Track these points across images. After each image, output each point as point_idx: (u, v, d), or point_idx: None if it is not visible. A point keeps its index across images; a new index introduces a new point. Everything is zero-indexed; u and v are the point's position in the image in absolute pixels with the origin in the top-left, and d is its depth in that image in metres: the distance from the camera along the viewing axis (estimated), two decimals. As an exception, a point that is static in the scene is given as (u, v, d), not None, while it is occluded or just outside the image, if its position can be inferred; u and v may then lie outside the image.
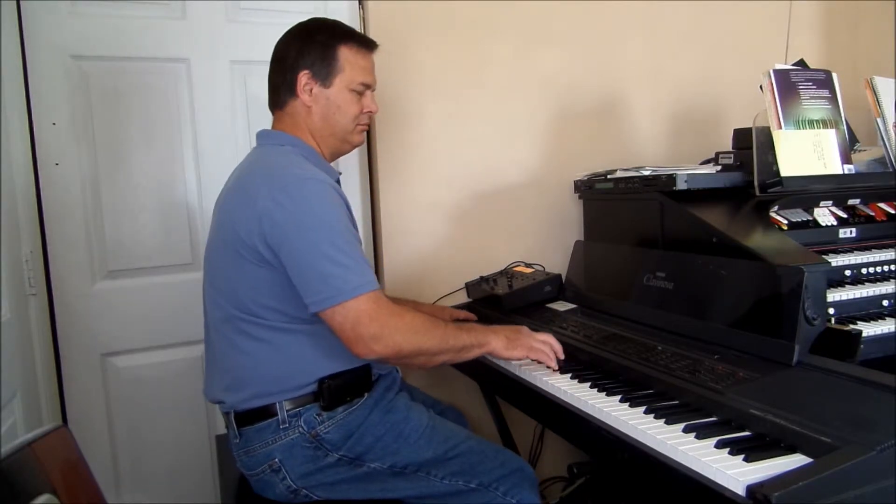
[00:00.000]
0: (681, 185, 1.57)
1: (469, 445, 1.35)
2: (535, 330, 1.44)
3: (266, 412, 1.27)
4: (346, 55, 1.35)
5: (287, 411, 1.26)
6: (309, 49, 1.34)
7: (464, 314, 1.81)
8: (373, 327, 1.17)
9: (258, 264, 1.23)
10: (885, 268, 1.45)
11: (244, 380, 1.29)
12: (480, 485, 1.31)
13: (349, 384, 1.29)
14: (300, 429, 1.26)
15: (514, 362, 1.43)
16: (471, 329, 1.36)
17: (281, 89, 1.37)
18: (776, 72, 1.57)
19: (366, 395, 1.32)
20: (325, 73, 1.34)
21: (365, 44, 1.39)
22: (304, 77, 1.33)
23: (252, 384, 1.28)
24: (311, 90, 1.34)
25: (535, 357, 1.36)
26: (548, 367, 1.36)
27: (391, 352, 1.20)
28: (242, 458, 1.31)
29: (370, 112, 1.42)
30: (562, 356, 1.38)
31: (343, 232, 1.21)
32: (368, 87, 1.40)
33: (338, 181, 1.37)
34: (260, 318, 1.26)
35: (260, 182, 1.23)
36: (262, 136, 1.41)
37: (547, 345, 1.37)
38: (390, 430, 1.30)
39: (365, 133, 1.46)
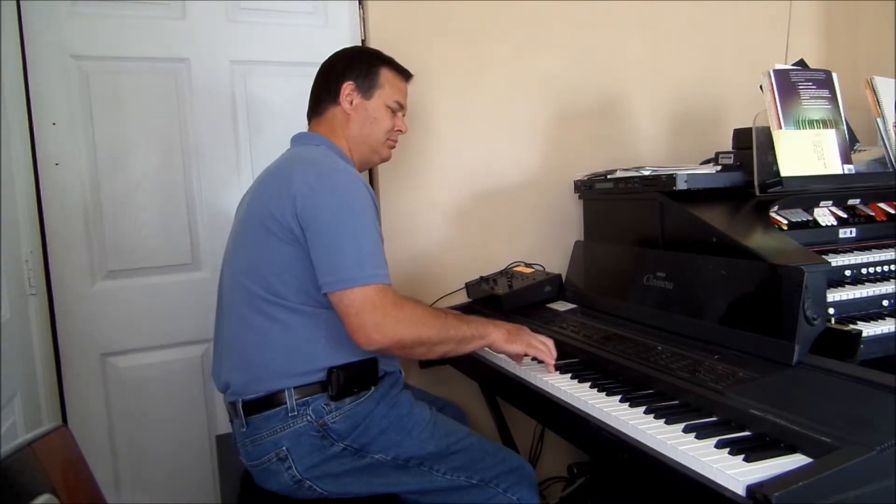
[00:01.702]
0: (681, 185, 1.57)
1: (470, 442, 1.37)
2: (535, 331, 1.45)
3: (274, 400, 1.28)
4: (387, 75, 1.48)
5: (296, 400, 1.28)
6: (355, 64, 1.47)
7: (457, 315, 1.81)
8: (375, 316, 1.20)
9: (286, 241, 1.26)
10: (885, 268, 1.45)
11: (253, 360, 1.30)
12: (481, 481, 1.32)
13: (357, 376, 1.31)
14: (308, 417, 1.27)
15: (513, 362, 1.43)
16: (471, 321, 1.38)
17: (323, 98, 1.47)
18: (776, 72, 1.57)
19: (372, 388, 1.33)
20: (367, 87, 1.46)
21: (403, 71, 1.53)
22: (348, 87, 1.44)
23: (260, 365, 1.29)
24: (352, 101, 1.45)
25: (533, 353, 1.38)
26: (544, 362, 1.38)
27: (391, 342, 1.22)
28: (248, 447, 1.31)
29: (400, 131, 1.53)
30: (554, 359, 1.39)
31: (368, 223, 1.27)
32: (402, 107, 1.52)
33: None
34: (280, 298, 1.28)
35: (296, 169, 1.30)
36: (297, 137, 1.49)
37: (545, 345, 1.39)
38: (394, 423, 1.32)
39: (392, 150, 1.55)
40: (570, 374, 1.34)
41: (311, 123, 1.50)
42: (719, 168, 1.66)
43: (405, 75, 1.54)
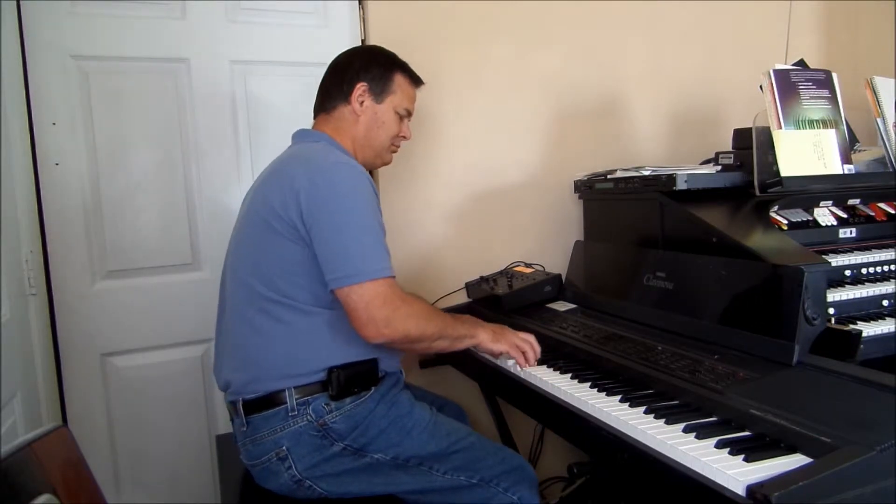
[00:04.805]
0: (681, 185, 1.57)
1: (471, 441, 1.37)
2: (533, 332, 1.46)
3: (275, 400, 1.29)
4: (400, 81, 1.50)
5: (296, 399, 1.28)
6: (371, 65, 1.47)
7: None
8: (385, 310, 1.23)
9: (290, 240, 1.27)
10: (885, 268, 1.45)
11: (254, 360, 1.31)
12: (482, 480, 1.32)
13: (358, 375, 1.32)
14: (308, 417, 1.27)
15: (511, 362, 1.46)
16: (463, 320, 1.44)
17: (334, 94, 1.47)
18: (776, 72, 1.57)
19: (373, 388, 1.34)
20: (379, 90, 1.47)
21: (415, 78, 1.55)
22: (361, 88, 1.45)
23: (261, 365, 1.30)
24: (363, 101, 1.46)
25: (515, 354, 1.44)
26: (517, 363, 1.44)
27: (399, 336, 1.25)
28: (248, 447, 1.32)
29: (404, 137, 1.56)
30: (539, 356, 1.46)
31: (372, 218, 1.29)
32: (410, 114, 1.55)
33: None
34: (284, 297, 1.29)
35: (297, 166, 1.32)
36: (299, 134, 1.49)
37: (527, 343, 1.45)
38: (394, 422, 1.32)
39: (394, 155, 1.58)
40: (570, 374, 1.34)
41: (317, 119, 1.50)
42: (719, 168, 1.66)
43: (417, 82, 1.55)
